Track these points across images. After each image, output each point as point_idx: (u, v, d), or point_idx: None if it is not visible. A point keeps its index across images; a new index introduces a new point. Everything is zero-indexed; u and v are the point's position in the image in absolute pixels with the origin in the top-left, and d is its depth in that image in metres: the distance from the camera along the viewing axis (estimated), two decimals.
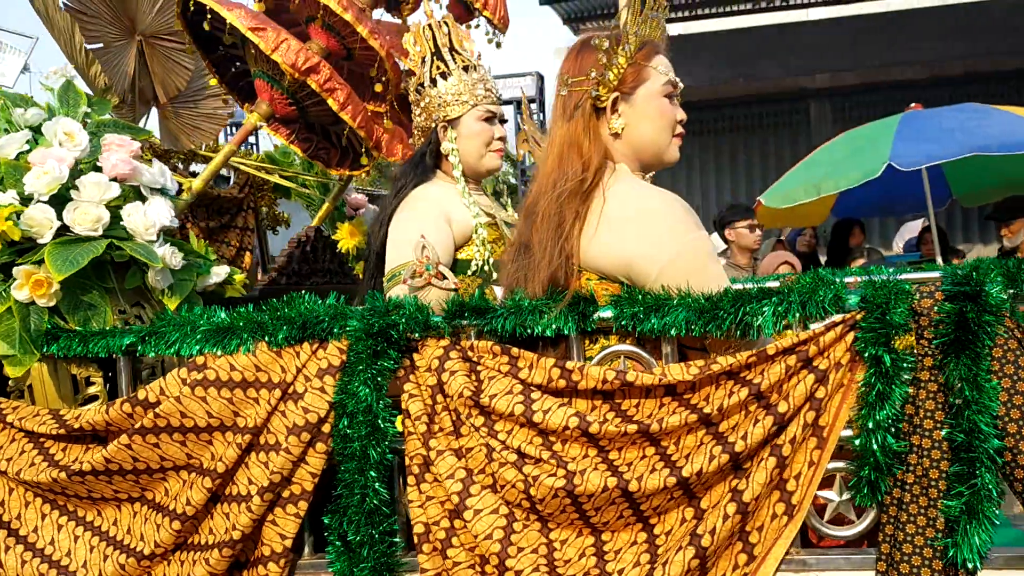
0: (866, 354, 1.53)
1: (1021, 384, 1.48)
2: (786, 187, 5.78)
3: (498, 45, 3.27)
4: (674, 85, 1.82)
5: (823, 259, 7.09)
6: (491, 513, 1.63)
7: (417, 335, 1.71)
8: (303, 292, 1.80)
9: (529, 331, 1.68)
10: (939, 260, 5.44)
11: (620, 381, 1.61)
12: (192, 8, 2.48)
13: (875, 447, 1.52)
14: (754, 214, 5.35)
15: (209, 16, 2.48)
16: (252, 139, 7.03)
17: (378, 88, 2.47)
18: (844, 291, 1.57)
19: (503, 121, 2.55)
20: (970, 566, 1.47)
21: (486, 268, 2.37)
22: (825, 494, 1.63)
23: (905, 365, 1.51)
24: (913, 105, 5.77)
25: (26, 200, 1.96)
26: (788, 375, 1.56)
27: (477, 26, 3.16)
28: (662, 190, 1.75)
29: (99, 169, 2.04)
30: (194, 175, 3.34)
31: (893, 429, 1.52)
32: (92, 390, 1.95)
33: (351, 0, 2.44)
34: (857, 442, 1.55)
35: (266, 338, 1.74)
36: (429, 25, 2.50)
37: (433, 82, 2.45)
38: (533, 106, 18.47)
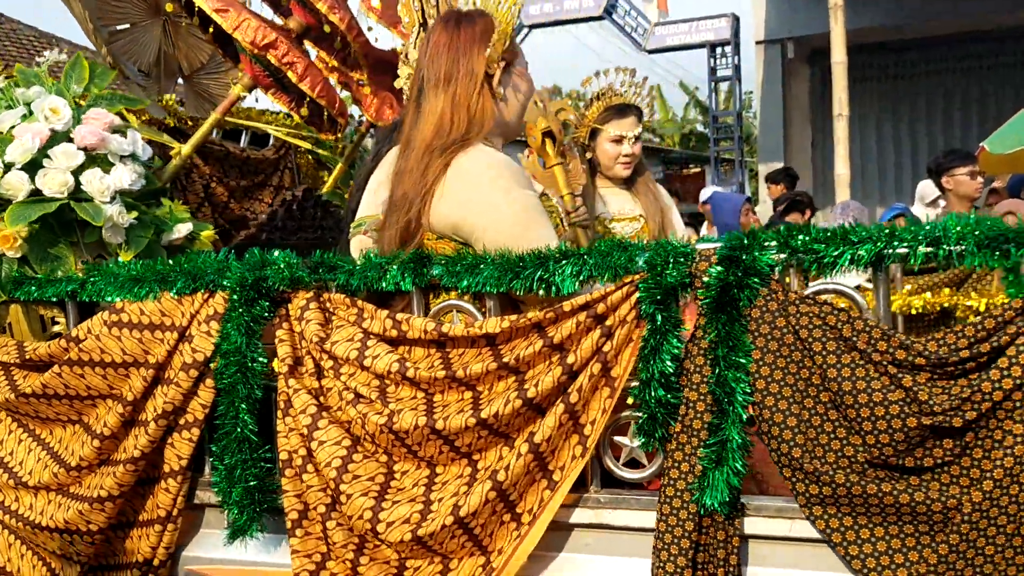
0: (643, 312, 1.65)
1: (773, 343, 1.57)
2: (1016, 130, 5.39)
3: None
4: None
5: None
6: (333, 444, 1.86)
7: (288, 287, 1.95)
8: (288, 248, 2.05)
9: (374, 286, 1.89)
10: None
11: (437, 332, 1.80)
12: None
13: (649, 398, 1.65)
14: (975, 160, 4.98)
15: None
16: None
17: (331, 62, 2.70)
18: (637, 253, 1.69)
19: None
20: (716, 514, 1.59)
21: None
22: (620, 439, 1.77)
23: (673, 323, 1.63)
24: None
25: (8, 167, 2.33)
26: (579, 330, 1.71)
27: None
28: (497, 155, 1.90)
29: (71, 140, 2.39)
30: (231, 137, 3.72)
31: (664, 381, 1.64)
32: (56, 328, 2.31)
33: None
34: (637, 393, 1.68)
35: (169, 288, 2.04)
36: None
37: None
38: (727, 48, 18.09)
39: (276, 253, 2.00)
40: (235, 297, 1.96)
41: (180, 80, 3.47)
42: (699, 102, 31.95)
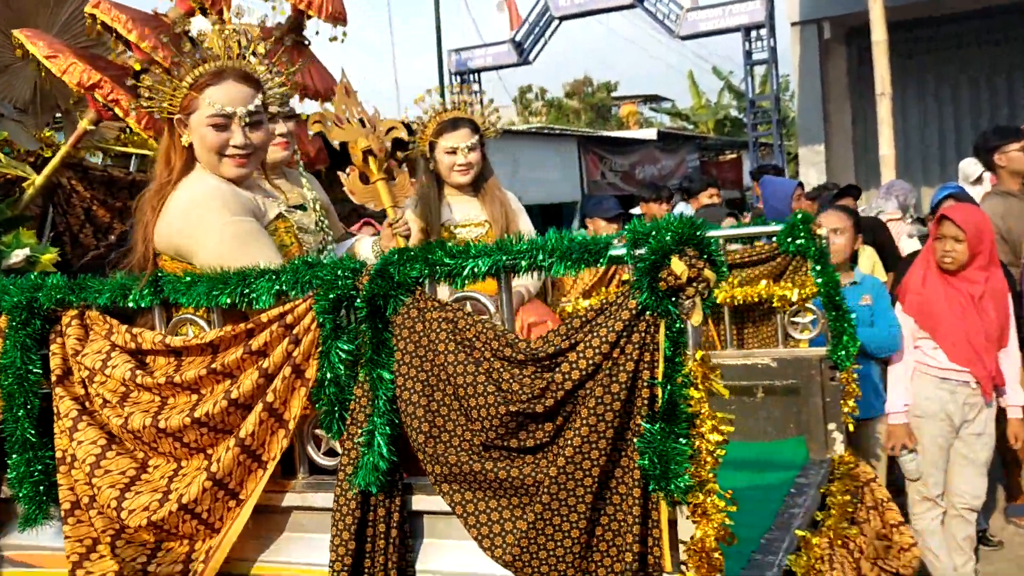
0: (318, 320, 1.91)
1: (411, 346, 1.82)
2: None
3: (343, 39, 3.72)
4: (226, 116, 2.20)
5: None
6: (90, 444, 2.14)
7: (58, 307, 2.23)
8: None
9: (122, 304, 2.17)
10: None
11: (163, 343, 2.07)
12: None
13: (324, 396, 1.91)
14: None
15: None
16: None
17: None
18: (319, 271, 1.94)
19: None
20: (379, 494, 1.85)
21: None
22: (320, 432, 2.03)
23: (342, 330, 1.88)
24: None
25: None
26: (273, 338, 1.97)
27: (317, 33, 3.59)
28: (212, 186, 2.17)
29: None
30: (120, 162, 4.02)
31: (336, 380, 1.89)
32: None
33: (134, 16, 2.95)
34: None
35: None
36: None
37: None
38: (762, 31, 17.93)
39: (49, 277, 2.28)
40: (12, 317, 2.24)
41: (59, 114, 3.77)
42: (732, 87, 31.80)
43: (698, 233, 1.65)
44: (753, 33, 17.98)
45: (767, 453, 3.35)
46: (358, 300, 1.87)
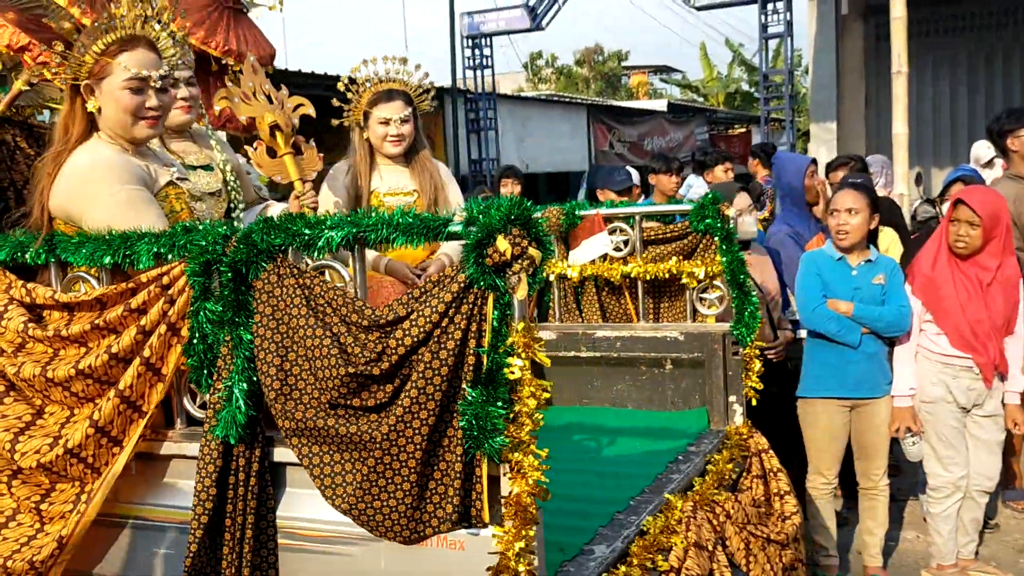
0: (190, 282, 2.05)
1: (268, 309, 1.96)
2: None
3: (280, 7, 3.83)
4: (141, 79, 2.32)
5: None
6: None
7: None
8: None
9: (19, 260, 2.31)
10: None
11: (52, 299, 2.22)
12: None
13: (193, 352, 2.06)
14: None
15: None
16: None
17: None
18: (196, 236, 2.08)
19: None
20: (239, 446, 2.00)
21: None
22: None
23: (208, 292, 2.02)
24: None
25: None
26: (151, 297, 2.11)
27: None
28: (101, 154, 2.29)
29: None
30: None
31: (202, 337, 2.04)
32: None
33: None
34: None
35: None
36: None
37: None
38: (779, 4, 17.67)
39: None
40: None
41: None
42: (744, 60, 31.63)
43: (525, 214, 1.78)
44: (770, 6, 17.71)
45: (670, 422, 3.51)
46: (222, 266, 2.01)
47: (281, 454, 2.08)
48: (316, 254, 1.98)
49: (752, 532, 2.84)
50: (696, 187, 9.17)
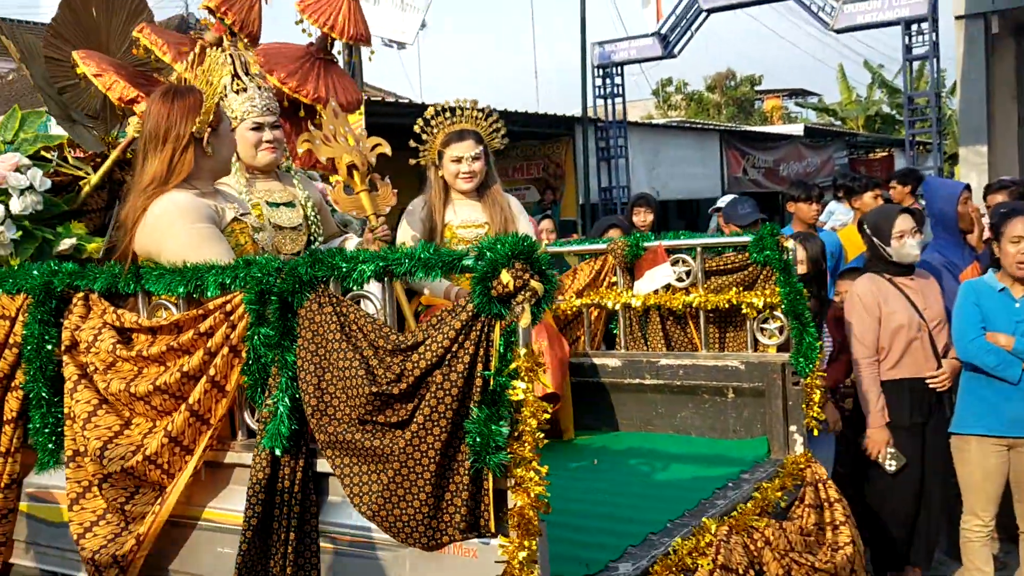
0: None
1: (308, 334, 2.20)
2: None
3: (370, 57, 4.19)
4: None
5: None
6: (84, 403, 2.61)
7: (70, 289, 2.72)
8: None
9: (114, 290, 2.64)
10: None
11: (136, 324, 2.53)
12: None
13: (249, 371, 2.31)
14: None
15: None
16: None
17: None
18: (256, 270, 2.34)
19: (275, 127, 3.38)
20: (283, 457, 2.24)
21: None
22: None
23: (263, 319, 2.28)
24: None
25: None
26: (216, 322, 2.39)
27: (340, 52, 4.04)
28: (179, 200, 2.60)
29: None
30: None
31: (256, 358, 2.29)
32: None
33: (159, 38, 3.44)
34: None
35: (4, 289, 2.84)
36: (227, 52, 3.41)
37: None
38: (924, 25, 17.29)
39: (63, 264, 2.77)
40: (33, 297, 2.74)
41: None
42: (885, 82, 30.75)
43: (528, 249, 1.96)
44: (914, 27, 17.12)
45: (729, 450, 3.57)
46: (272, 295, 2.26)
47: (323, 465, 2.30)
48: (352, 285, 2.20)
49: (795, 560, 2.88)
50: (838, 214, 8.77)
